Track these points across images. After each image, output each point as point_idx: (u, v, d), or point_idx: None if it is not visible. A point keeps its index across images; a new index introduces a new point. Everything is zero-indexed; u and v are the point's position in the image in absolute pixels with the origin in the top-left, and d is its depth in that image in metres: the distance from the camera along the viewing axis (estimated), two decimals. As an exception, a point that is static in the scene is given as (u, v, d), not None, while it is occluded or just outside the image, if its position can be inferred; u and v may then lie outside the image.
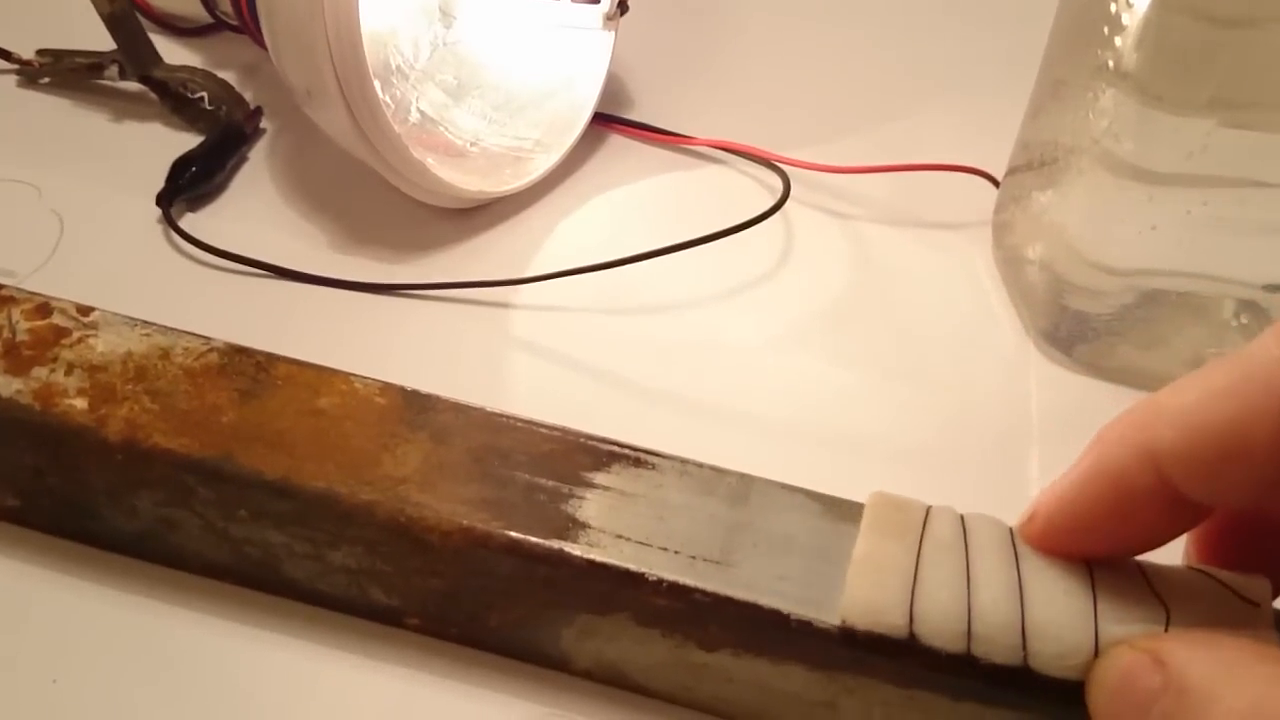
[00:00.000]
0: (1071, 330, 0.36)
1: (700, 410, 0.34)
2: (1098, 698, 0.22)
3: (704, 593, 0.24)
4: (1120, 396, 0.35)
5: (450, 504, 0.25)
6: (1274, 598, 0.23)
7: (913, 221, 0.41)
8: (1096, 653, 0.22)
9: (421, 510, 0.25)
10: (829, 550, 0.25)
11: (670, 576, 0.24)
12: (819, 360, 0.36)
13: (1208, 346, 0.35)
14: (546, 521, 0.25)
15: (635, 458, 0.27)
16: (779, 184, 0.40)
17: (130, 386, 0.27)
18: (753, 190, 0.41)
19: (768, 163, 0.42)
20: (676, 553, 0.25)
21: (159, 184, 0.39)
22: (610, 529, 0.25)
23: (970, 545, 0.24)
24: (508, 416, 0.27)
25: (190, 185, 0.39)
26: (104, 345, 0.28)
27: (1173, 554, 0.24)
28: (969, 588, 0.23)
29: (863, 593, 0.23)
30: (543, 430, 0.27)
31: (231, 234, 0.38)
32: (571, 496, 0.26)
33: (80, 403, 0.27)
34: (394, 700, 0.26)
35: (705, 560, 0.25)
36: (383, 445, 0.26)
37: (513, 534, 0.25)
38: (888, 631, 0.23)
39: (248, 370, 0.28)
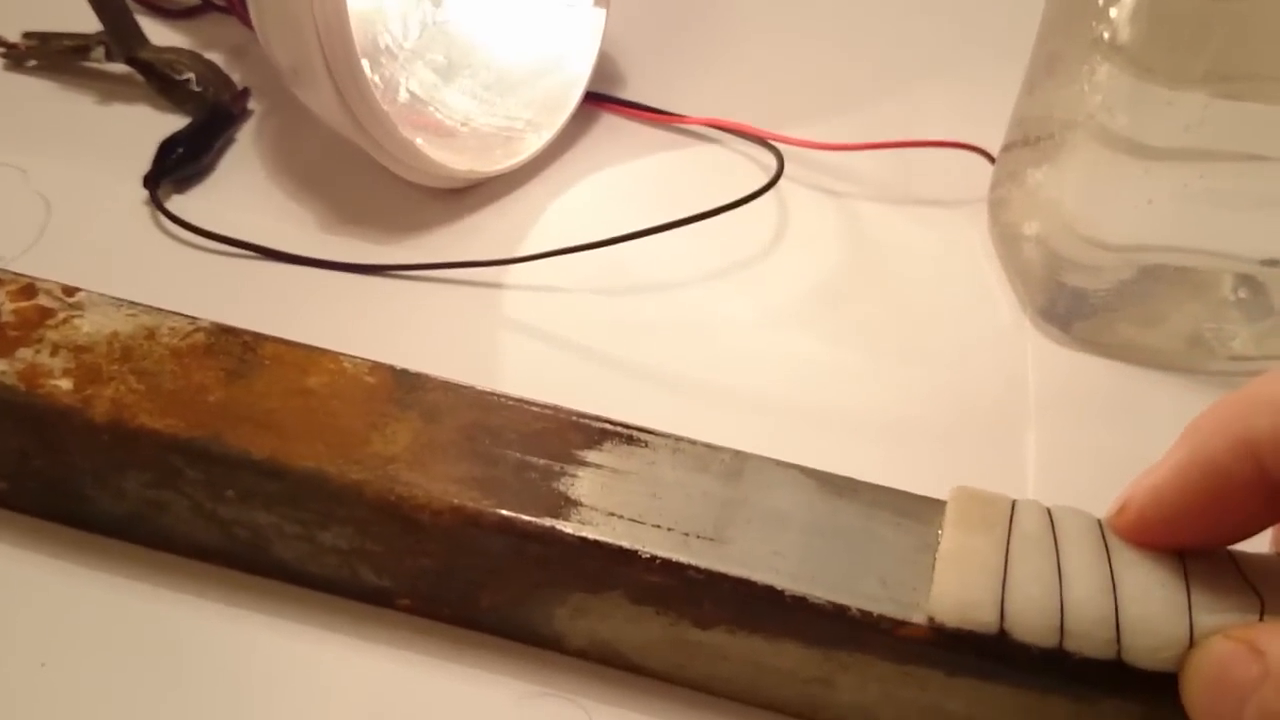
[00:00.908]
0: (1069, 307, 0.36)
1: (693, 388, 0.34)
2: (1193, 689, 0.21)
3: (698, 570, 0.24)
4: (1118, 373, 0.35)
5: (441, 483, 0.25)
6: None
7: (908, 199, 0.41)
8: (1191, 644, 0.22)
9: (412, 489, 0.25)
10: (824, 526, 0.25)
11: (664, 554, 0.24)
12: (813, 338, 0.36)
13: (1206, 322, 0.35)
14: (538, 499, 0.25)
15: (628, 435, 0.26)
16: (773, 162, 0.40)
17: (116, 367, 0.27)
18: (746, 168, 0.41)
19: (761, 140, 0.41)
20: (670, 530, 0.25)
21: (146, 166, 0.38)
22: (603, 506, 0.25)
23: (1059, 538, 0.23)
24: (498, 395, 0.27)
25: (177, 167, 0.39)
26: (89, 326, 0.28)
27: (1259, 542, 0.23)
28: (1060, 582, 0.23)
29: (951, 589, 0.23)
30: (534, 408, 0.27)
31: (219, 215, 0.37)
32: (563, 474, 0.25)
33: (65, 383, 0.26)
34: (386, 681, 0.26)
35: (699, 537, 0.24)
36: (372, 424, 0.26)
37: (504, 512, 0.25)
38: (978, 628, 0.23)
39: (235, 350, 0.28)
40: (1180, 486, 0.22)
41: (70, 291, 0.29)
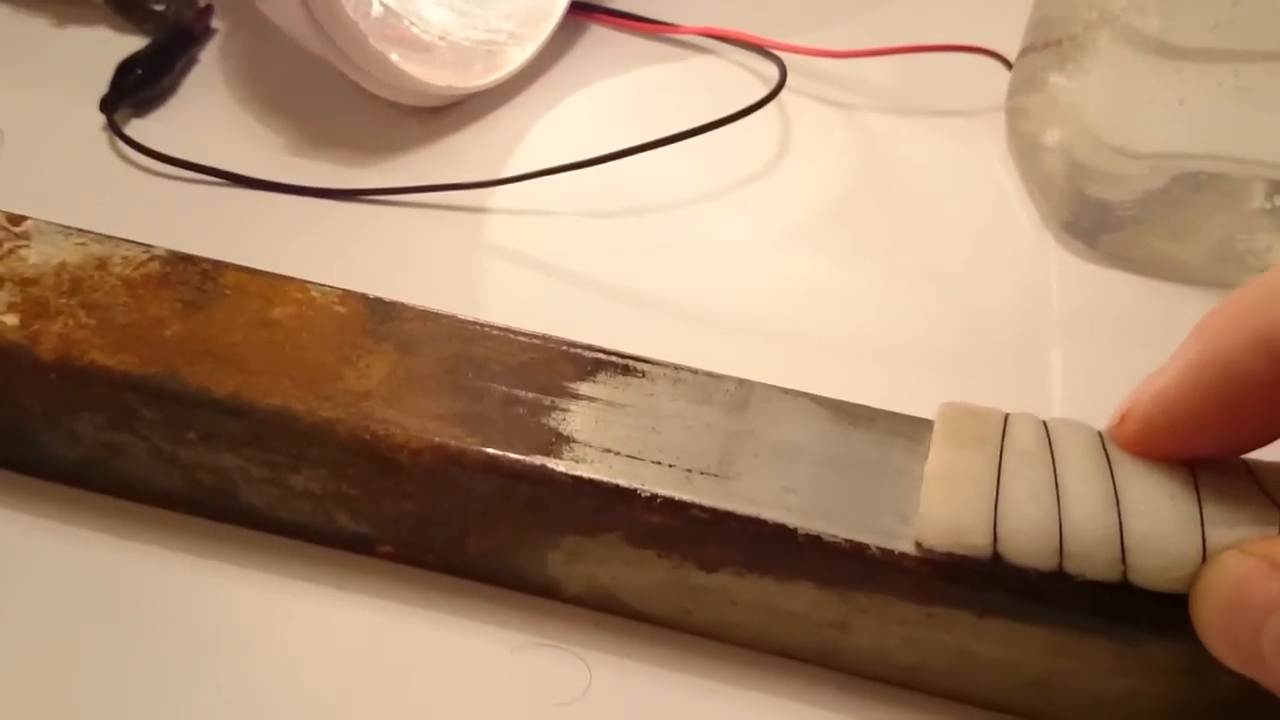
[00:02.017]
0: (1094, 220, 0.34)
1: (693, 316, 0.32)
2: (1206, 610, 0.20)
3: (702, 508, 0.22)
4: (1147, 289, 0.34)
5: (420, 419, 0.23)
6: None
7: (919, 109, 0.39)
8: (1204, 562, 0.20)
9: (388, 427, 0.23)
10: (837, 458, 0.23)
11: (665, 492, 0.22)
12: (821, 260, 0.34)
13: (1238, 233, 0.34)
14: (527, 436, 0.23)
15: (623, 365, 0.25)
16: (774, 72, 0.38)
17: (64, 300, 0.25)
18: (745, 80, 0.39)
19: (761, 49, 0.40)
20: (671, 466, 0.23)
21: (103, 89, 0.36)
22: (598, 443, 0.23)
23: (1056, 453, 0.22)
24: (482, 324, 0.25)
25: (136, 89, 0.37)
26: (36, 256, 0.26)
27: (1274, 452, 0.22)
28: (1059, 499, 0.21)
29: (940, 511, 0.21)
30: (521, 338, 0.25)
31: (181, 140, 0.35)
32: (554, 409, 0.24)
33: (10, 319, 0.25)
34: (367, 634, 0.25)
35: (703, 473, 0.23)
36: (344, 358, 0.24)
37: (490, 451, 0.23)
38: (971, 553, 0.21)
39: (192, 279, 0.26)
40: (1190, 389, 0.20)
41: (16, 220, 0.27)
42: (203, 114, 0.37)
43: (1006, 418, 0.23)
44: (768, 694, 0.24)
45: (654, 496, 0.22)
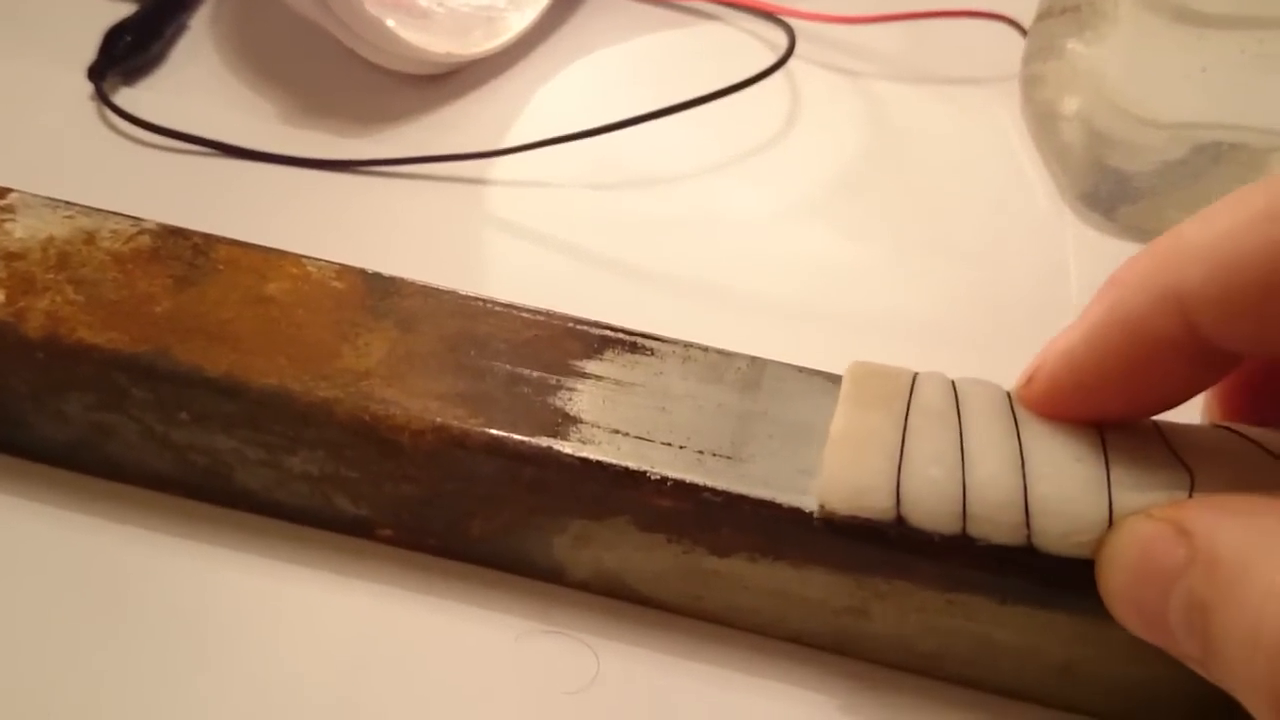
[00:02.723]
0: (1112, 191, 0.33)
1: (701, 290, 0.32)
2: (1112, 576, 0.19)
3: (714, 491, 0.22)
4: None
5: (421, 399, 0.22)
6: None
7: (931, 76, 0.38)
8: (1111, 526, 0.19)
9: (388, 407, 0.22)
10: None
11: (675, 474, 0.22)
12: (832, 233, 0.34)
13: None
14: (532, 417, 0.22)
15: (631, 343, 0.24)
16: (782, 39, 0.37)
17: (51, 275, 0.24)
18: (753, 47, 0.38)
19: (769, 15, 0.39)
20: (682, 447, 0.22)
21: (91, 56, 0.35)
22: (605, 423, 0.22)
23: (963, 413, 0.21)
24: (485, 300, 0.25)
25: (125, 57, 0.36)
26: (22, 230, 0.25)
27: (1190, 413, 0.21)
28: (963, 461, 0.20)
29: (842, 473, 0.21)
30: (525, 314, 0.24)
31: (171, 109, 0.34)
32: (560, 388, 0.23)
33: (-5, 296, 0.24)
34: (367, 620, 0.24)
35: (714, 455, 0.22)
36: (342, 335, 0.23)
37: (494, 432, 0.22)
38: (873, 515, 0.20)
39: (184, 254, 0.25)
40: (1097, 348, 0.19)
41: (1, 193, 0.26)
42: (194, 82, 0.36)
43: (915, 377, 0.22)
44: (781, 682, 0.23)
45: (664, 479, 0.22)
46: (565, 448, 0.22)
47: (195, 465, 0.24)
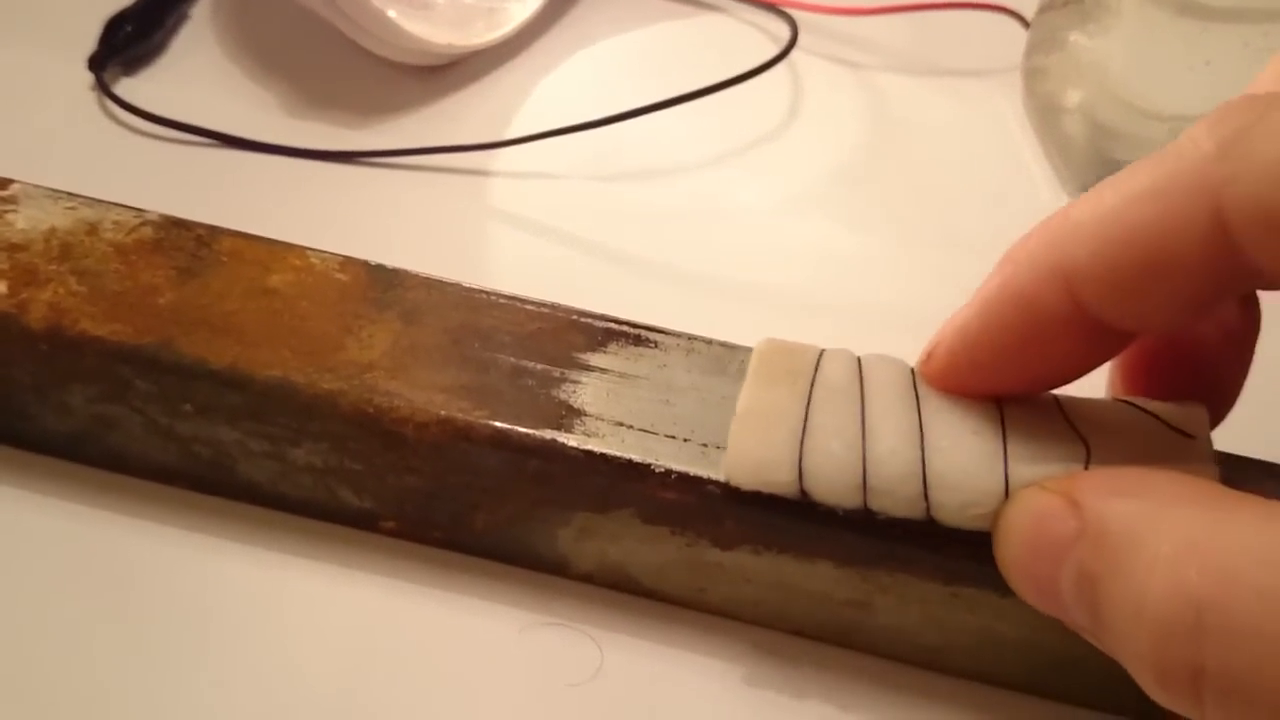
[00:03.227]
0: None
1: (703, 283, 0.32)
2: (1006, 548, 0.19)
3: (718, 484, 0.22)
4: None
5: (425, 392, 0.22)
6: (1212, 427, 0.21)
7: (934, 69, 0.38)
8: (1007, 499, 0.19)
9: (392, 400, 0.22)
10: None
11: (679, 467, 0.22)
12: (833, 225, 0.34)
13: None
14: (536, 409, 0.22)
15: (635, 335, 0.24)
16: (785, 30, 0.37)
17: (54, 267, 0.24)
18: (755, 39, 0.38)
19: (771, 7, 0.39)
20: (686, 440, 0.22)
21: (91, 46, 0.35)
22: (609, 416, 0.22)
23: (866, 389, 0.21)
24: (488, 292, 0.24)
25: (125, 46, 0.36)
26: (24, 221, 0.25)
27: (1096, 388, 0.21)
28: (864, 436, 0.20)
29: (746, 448, 0.21)
30: (529, 307, 0.24)
31: (172, 99, 0.34)
32: (564, 380, 0.23)
33: (-2, 287, 0.24)
34: (370, 612, 0.24)
35: (718, 448, 0.22)
36: (345, 327, 0.23)
37: (498, 424, 0.22)
38: (777, 490, 0.21)
39: (187, 245, 0.25)
40: (990, 324, 0.20)
41: (3, 184, 0.26)
42: (194, 73, 0.36)
43: (821, 354, 0.22)
44: (783, 674, 0.23)
45: (668, 472, 0.22)
46: (569, 440, 0.22)
47: (199, 457, 0.24)
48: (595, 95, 0.36)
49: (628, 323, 0.24)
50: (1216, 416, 0.21)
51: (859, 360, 0.22)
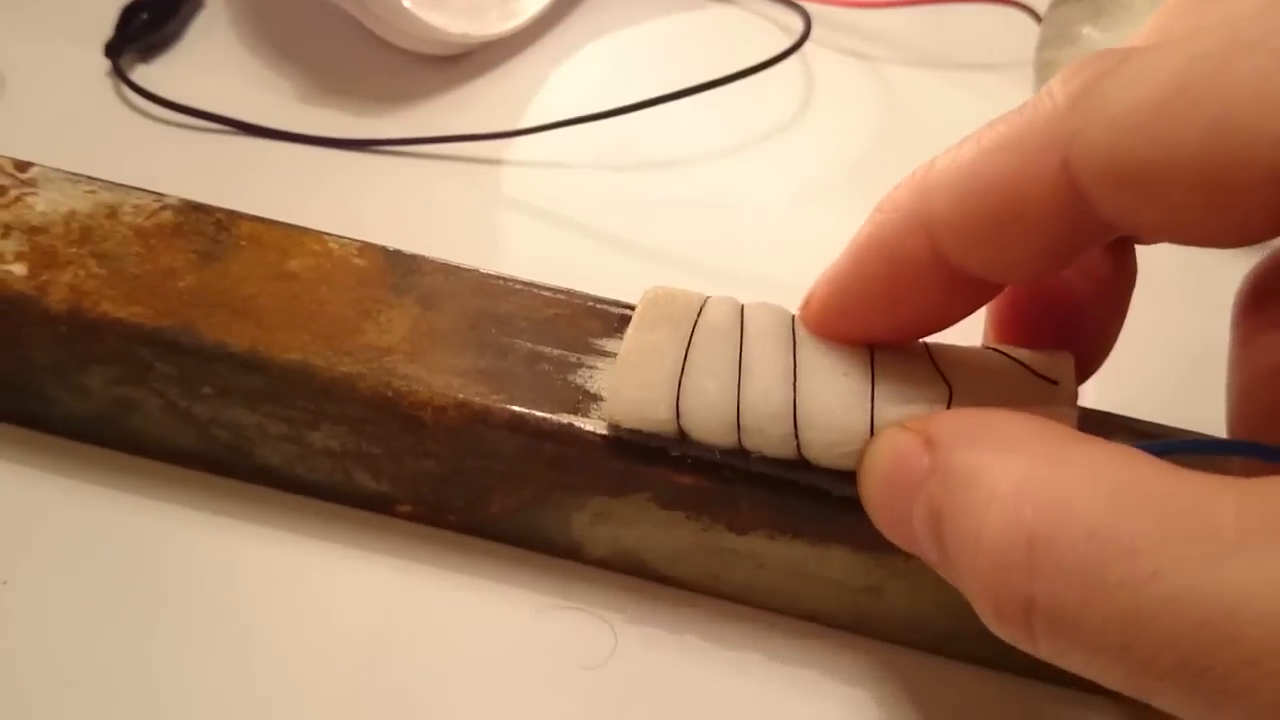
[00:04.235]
0: None
1: (715, 272, 0.32)
2: (867, 485, 0.20)
3: (734, 469, 0.22)
4: (1179, 247, 0.32)
5: (443, 376, 0.23)
6: (1084, 372, 0.21)
7: (946, 62, 0.38)
8: (872, 438, 0.20)
9: (410, 383, 0.22)
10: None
11: (695, 452, 0.22)
12: (844, 216, 0.32)
13: None
14: (553, 394, 0.22)
15: None
16: (798, 23, 0.37)
17: (74, 249, 0.24)
18: (768, 31, 0.38)
19: None
20: None
21: (108, 33, 0.35)
22: None
23: (746, 333, 0.21)
24: (505, 278, 0.24)
25: (142, 33, 0.36)
26: (44, 204, 0.25)
27: (973, 337, 0.22)
28: (740, 377, 0.21)
29: (626, 389, 0.21)
30: (545, 293, 0.24)
31: (188, 86, 0.34)
32: (580, 366, 0.23)
33: (19, 268, 0.24)
34: (386, 595, 0.24)
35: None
36: (364, 311, 0.23)
37: (515, 408, 0.22)
38: (656, 429, 0.21)
39: (206, 230, 0.25)
40: (858, 271, 0.20)
41: (23, 167, 0.26)
42: (210, 60, 0.36)
43: (706, 300, 0.22)
44: (797, 660, 0.24)
45: (684, 456, 0.22)
46: (586, 425, 0.22)
47: (217, 440, 0.24)
48: (608, 86, 0.36)
49: (643, 310, 0.24)
50: (1089, 368, 0.22)
51: (742, 307, 0.22)
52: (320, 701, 0.22)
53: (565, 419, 0.22)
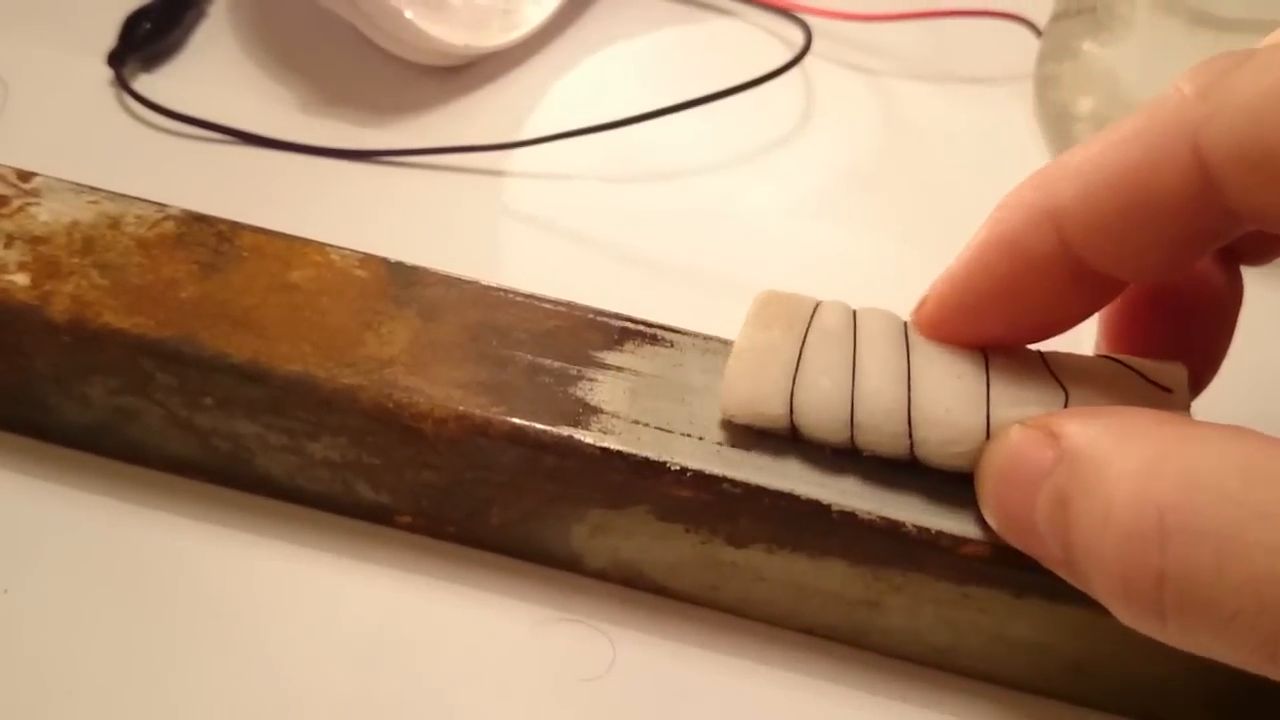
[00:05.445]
0: None
1: (715, 284, 0.32)
2: (986, 481, 0.20)
3: (733, 482, 0.22)
4: None
5: (444, 388, 0.23)
6: (1194, 387, 0.21)
7: (946, 76, 0.38)
8: (988, 439, 0.20)
9: (411, 395, 0.22)
10: None
11: (695, 465, 0.22)
12: (845, 229, 0.34)
13: None
14: (553, 406, 0.23)
15: (651, 334, 0.24)
16: (799, 36, 0.37)
17: (77, 260, 0.24)
18: (769, 44, 0.38)
19: (785, 12, 0.38)
20: (700, 438, 0.22)
21: (110, 43, 0.35)
22: (625, 414, 0.23)
23: (860, 335, 0.22)
24: (506, 290, 0.25)
25: (145, 43, 0.36)
26: (47, 214, 0.25)
27: (1083, 348, 0.22)
28: (854, 375, 0.21)
29: (741, 383, 0.22)
30: (546, 305, 0.24)
31: (190, 96, 0.34)
32: (581, 378, 0.23)
33: (21, 278, 0.24)
34: (385, 606, 0.24)
35: (734, 446, 0.22)
36: (365, 323, 0.24)
37: (515, 420, 0.22)
38: (769, 424, 0.22)
39: (208, 240, 0.25)
40: (978, 269, 0.20)
41: (25, 177, 0.26)
42: (212, 70, 0.36)
43: (818, 303, 0.23)
44: (795, 673, 0.24)
45: (683, 470, 0.22)
46: (586, 437, 0.22)
47: (217, 450, 0.24)
48: (610, 97, 0.36)
49: (643, 322, 0.24)
50: (1198, 384, 0.22)
51: (854, 311, 0.22)
52: (319, 712, 0.23)
53: (565, 431, 0.22)
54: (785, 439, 0.22)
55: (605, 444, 0.22)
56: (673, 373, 0.23)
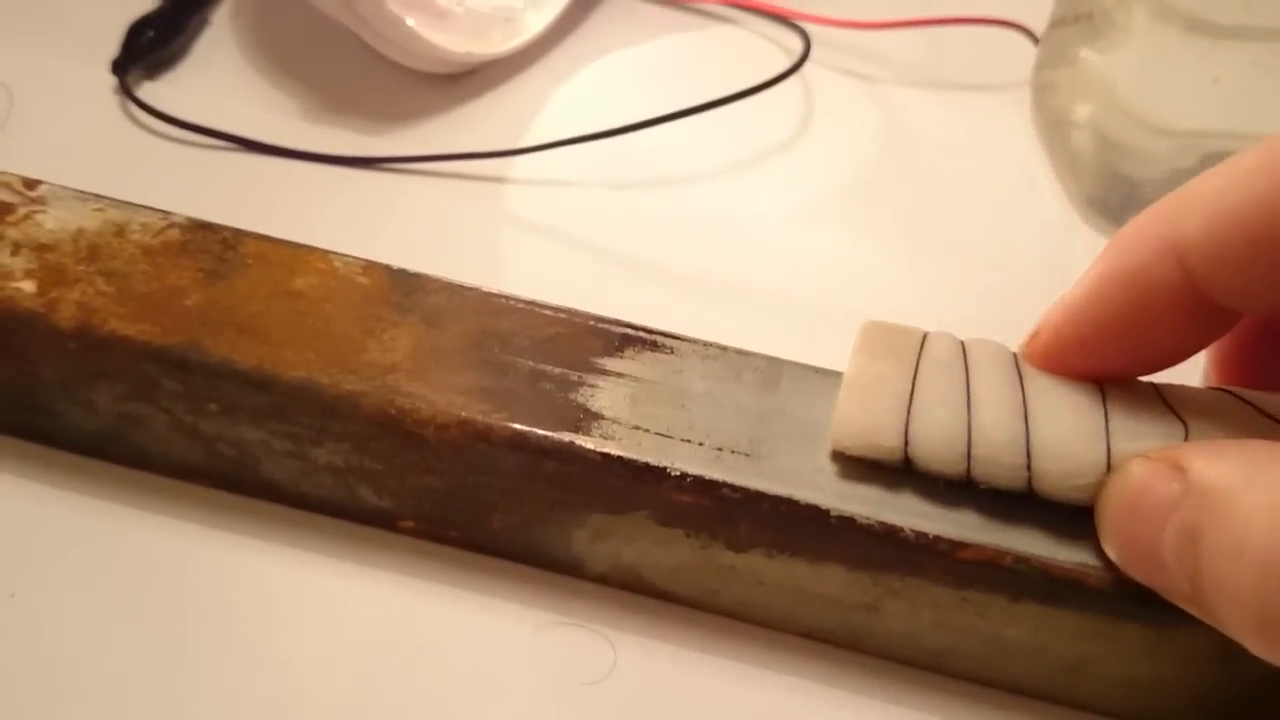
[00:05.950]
0: (1122, 198, 0.33)
1: (715, 290, 0.32)
2: (1109, 515, 0.20)
3: (733, 487, 0.22)
4: None
5: (446, 394, 0.23)
6: None
7: (944, 82, 0.38)
8: (1109, 472, 0.20)
9: (414, 401, 0.23)
10: None
11: (695, 470, 0.22)
12: (844, 235, 0.34)
13: None
14: (554, 412, 0.23)
15: (652, 341, 0.24)
16: (797, 44, 0.37)
17: (83, 267, 0.24)
18: (768, 51, 0.38)
19: (784, 20, 0.39)
20: (701, 444, 0.22)
21: (114, 50, 0.35)
22: (626, 419, 0.23)
23: (970, 365, 0.22)
24: (507, 297, 0.25)
25: (148, 51, 0.36)
26: (53, 222, 0.25)
27: (1191, 381, 0.22)
28: (969, 407, 0.21)
29: (855, 415, 0.21)
30: (547, 312, 0.25)
31: (194, 103, 0.35)
32: (582, 384, 0.23)
33: (28, 285, 0.24)
34: (388, 610, 0.24)
35: (733, 452, 0.22)
36: (368, 330, 0.24)
37: (517, 426, 0.22)
38: (882, 456, 0.21)
39: (213, 248, 0.25)
40: (1098, 301, 0.20)
41: (31, 185, 0.26)
42: (215, 78, 0.36)
43: (926, 334, 0.23)
44: (794, 676, 0.24)
45: (684, 475, 0.22)
46: (587, 443, 0.22)
47: (222, 455, 0.25)
48: (610, 105, 0.36)
49: (644, 329, 0.24)
50: None
51: (962, 342, 0.22)
52: (322, 716, 0.23)
53: (566, 437, 0.22)
54: (898, 470, 0.22)
55: (606, 450, 0.22)
56: (673, 379, 0.24)
